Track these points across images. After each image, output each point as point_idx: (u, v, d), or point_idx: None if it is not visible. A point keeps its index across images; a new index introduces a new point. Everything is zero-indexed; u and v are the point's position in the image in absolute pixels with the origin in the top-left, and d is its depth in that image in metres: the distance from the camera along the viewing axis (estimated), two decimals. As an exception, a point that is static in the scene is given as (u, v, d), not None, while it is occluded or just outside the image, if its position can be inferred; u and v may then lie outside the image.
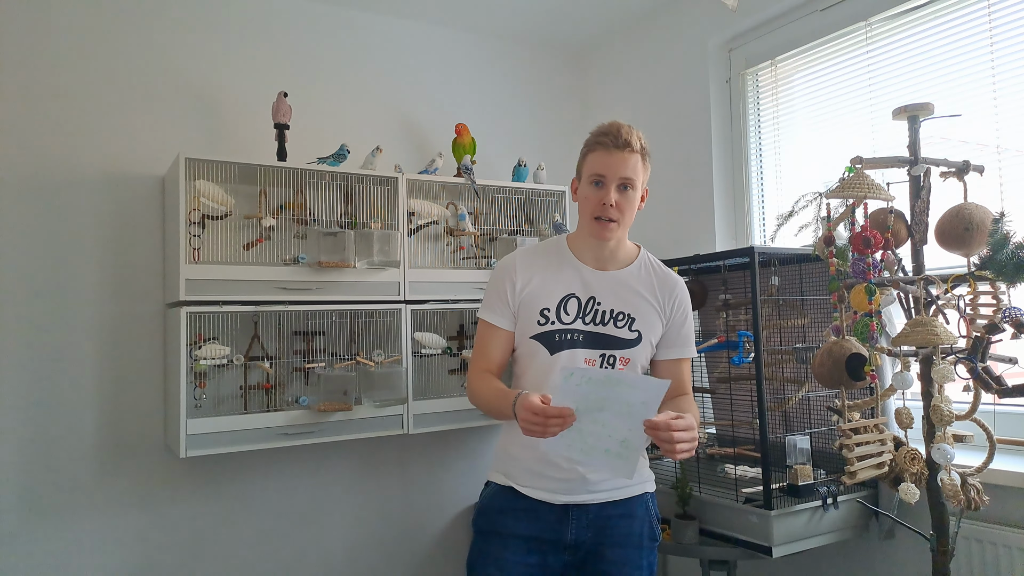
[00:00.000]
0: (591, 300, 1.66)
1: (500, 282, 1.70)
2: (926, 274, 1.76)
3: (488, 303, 1.71)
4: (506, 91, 3.50)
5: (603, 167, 1.61)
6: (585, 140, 1.70)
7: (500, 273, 1.72)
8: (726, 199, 2.99)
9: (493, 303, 1.70)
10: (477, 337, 1.74)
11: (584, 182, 1.67)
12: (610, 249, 1.68)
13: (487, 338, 1.70)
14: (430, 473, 3.16)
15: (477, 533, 1.72)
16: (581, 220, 1.70)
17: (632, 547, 1.67)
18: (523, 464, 1.66)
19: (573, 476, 1.62)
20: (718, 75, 3.01)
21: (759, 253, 2.13)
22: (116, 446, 2.62)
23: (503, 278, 1.70)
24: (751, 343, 2.16)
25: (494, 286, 1.71)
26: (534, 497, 1.64)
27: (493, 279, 1.73)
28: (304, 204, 2.74)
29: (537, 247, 1.78)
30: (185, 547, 2.71)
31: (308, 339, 2.78)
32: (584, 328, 1.64)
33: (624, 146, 1.61)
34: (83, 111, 2.64)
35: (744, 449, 2.41)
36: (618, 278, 1.69)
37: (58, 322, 2.56)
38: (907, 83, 2.35)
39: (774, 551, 2.00)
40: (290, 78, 2.98)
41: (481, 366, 1.70)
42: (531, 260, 1.72)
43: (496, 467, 1.74)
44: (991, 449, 1.72)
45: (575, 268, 1.69)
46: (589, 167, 1.66)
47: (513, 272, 1.69)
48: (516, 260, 1.72)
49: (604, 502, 1.65)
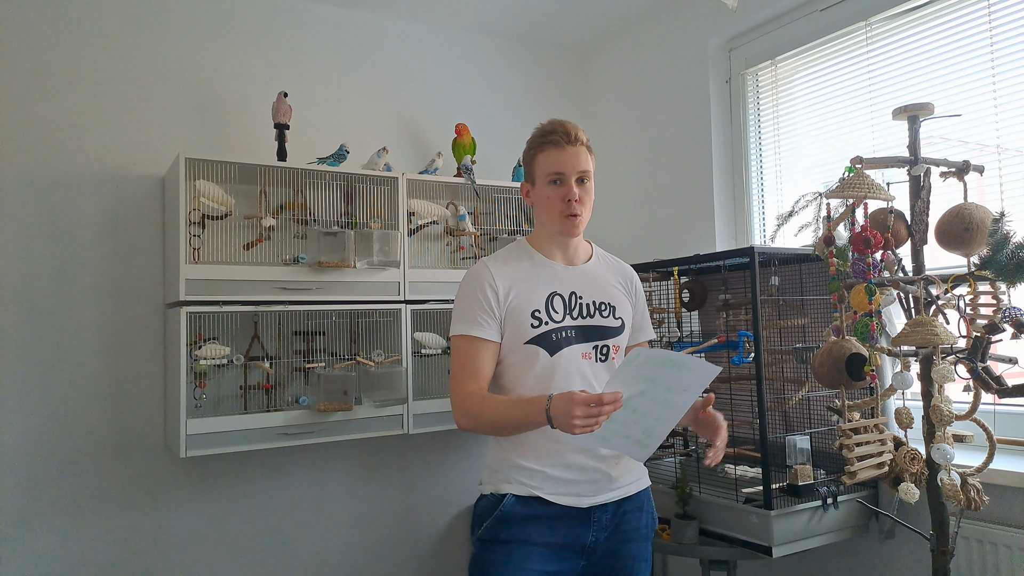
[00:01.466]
0: (572, 295, 1.68)
1: (480, 293, 1.63)
2: (926, 274, 1.76)
3: (468, 317, 1.62)
4: (506, 91, 3.50)
5: (559, 164, 1.64)
6: (528, 142, 1.70)
7: (476, 284, 1.64)
8: (726, 199, 2.99)
9: (475, 316, 1.61)
10: (459, 355, 1.62)
11: (541, 183, 1.67)
12: (574, 245, 1.73)
13: (472, 354, 1.61)
14: (430, 473, 3.16)
15: (495, 543, 1.61)
16: (544, 221, 1.71)
17: (641, 540, 1.71)
18: (544, 474, 1.61)
19: (598, 476, 1.63)
20: (718, 75, 3.01)
21: (759, 253, 2.13)
22: (116, 446, 2.62)
23: (482, 289, 1.63)
24: (751, 343, 2.16)
25: (473, 299, 1.63)
26: (563, 504, 1.61)
27: (469, 292, 1.65)
28: (304, 204, 2.74)
29: (500, 255, 1.74)
30: (185, 547, 2.71)
31: (308, 339, 2.78)
32: (574, 323, 1.66)
33: (575, 141, 1.65)
34: (83, 111, 2.64)
35: (744, 449, 2.41)
36: (588, 271, 1.73)
37: (58, 322, 2.56)
38: (907, 83, 2.35)
39: (774, 551, 2.00)
40: (290, 78, 2.98)
41: (471, 386, 1.58)
42: (503, 267, 1.68)
43: (502, 479, 1.64)
44: (991, 449, 1.72)
45: (548, 267, 1.70)
46: (544, 167, 1.66)
47: (492, 281, 1.64)
48: (490, 269, 1.66)
49: (621, 499, 1.67)
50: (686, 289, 2.69)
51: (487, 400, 1.58)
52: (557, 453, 1.60)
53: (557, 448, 1.60)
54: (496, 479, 1.66)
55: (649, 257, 2.86)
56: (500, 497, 1.62)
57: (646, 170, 3.30)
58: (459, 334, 1.63)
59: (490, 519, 1.62)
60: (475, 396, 1.57)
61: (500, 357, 1.65)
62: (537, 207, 1.71)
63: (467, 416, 1.58)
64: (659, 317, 2.56)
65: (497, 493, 1.64)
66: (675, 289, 2.49)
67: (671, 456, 2.60)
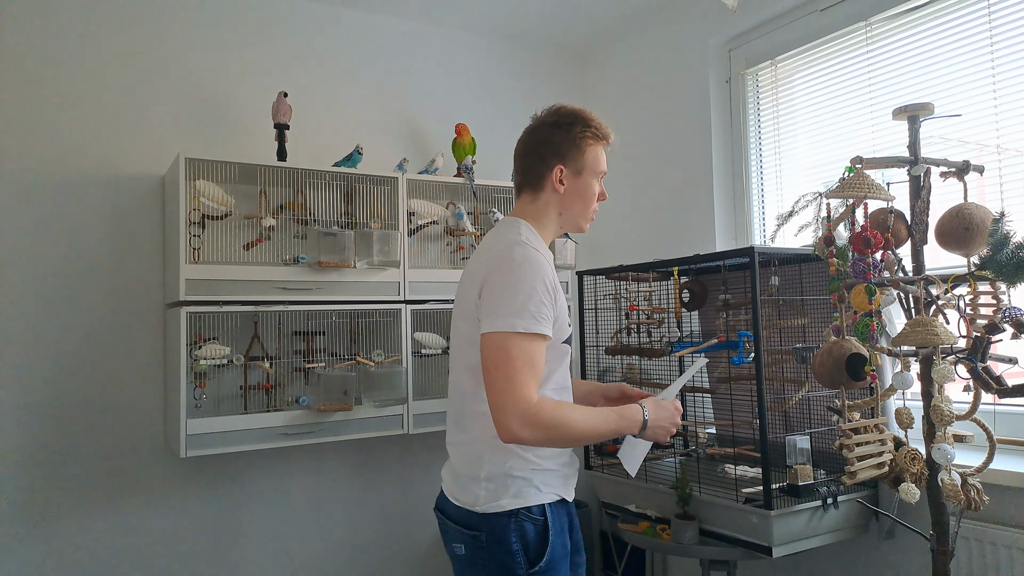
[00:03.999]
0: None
1: (545, 286, 1.45)
2: (926, 274, 1.76)
3: (535, 312, 1.41)
4: (506, 91, 3.50)
5: (605, 164, 1.67)
6: (576, 124, 1.61)
7: (541, 275, 1.45)
8: (726, 199, 2.99)
9: (542, 311, 1.42)
10: (522, 355, 1.39)
11: (588, 175, 1.64)
12: None
13: (538, 355, 1.42)
14: (430, 473, 3.16)
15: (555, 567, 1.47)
16: (571, 212, 1.63)
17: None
18: (562, 473, 1.56)
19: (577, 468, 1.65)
20: (718, 75, 3.01)
21: (759, 253, 2.13)
22: (116, 446, 2.62)
23: (546, 282, 1.46)
24: (751, 343, 2.16)
25: (542, 290, 1.44)
26: (570, 500, 1.60)
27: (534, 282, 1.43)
28: (304, 204, 2.74)
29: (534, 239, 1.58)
30: (185, 547, 2.71)
31: (308, 339, 2.78)
32: None
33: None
34: (83, 111, 2.64)
35: (744, 449, 2.41)
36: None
37: (58, 322, 2.56)
38: (907, 83, 2.35)
39: (774, 551, 2.00)
40: (290, 78, 2.98)
41: (535, 391, 1.39)
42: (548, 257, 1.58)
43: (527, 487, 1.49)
44: (991, 449, 1.72)
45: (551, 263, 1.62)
46: (598, 162, 1.65)
47: (554, 275, 1.51)
48: (546, 260, 1.53)
49: None
50: (686, 289, 2.69)
51: (566, 408, 1.42)
52: (567, 452, 1.60)
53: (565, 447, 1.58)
54: (520, 490, 1.48)
55: (649, 257, 2.87)
56: (538, 512, 1.48)
57: (646, 170, 3.30)
58: (524, 331, 1.40)
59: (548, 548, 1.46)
60: (552, 404, 1.41)
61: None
62: (569, 197, 1.62)
63: (539, 427, 1.36)
64: (659, 317, 2.55)
65: (529, 507, 1.48)
66: (675, 289, 2.49)
67: (671, 456, 2.60)
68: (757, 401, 2.10)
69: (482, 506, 1.48)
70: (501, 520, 1.46)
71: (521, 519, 1.46)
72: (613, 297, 2.67)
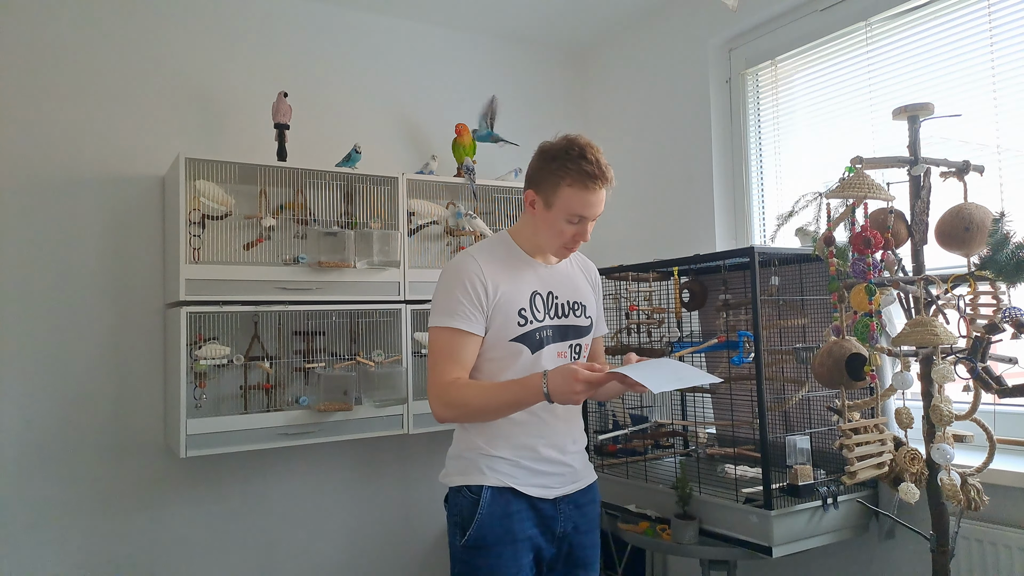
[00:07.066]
0: (550, 295, 1.70)
1: (469, 286, 1.59)
2: (926, 274, 1.76)
3: (456, 310, 1.58)
4: (506, 91, 3.49)
5: (585, 208, 1.59)
6: (554, 159, 1.59)
7: (464, 276, 1.60)
8: (726, 199, 2.99)
9: (464, 310, 1.58)
10: (442, 346, 1.58)
11: (557, 215, 1.61)
12: None
13: (458, 346, 1.58)
14: (430, 473, 3.16)
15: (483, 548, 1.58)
16: (540, 238, 1.67)
17: (595, 530, 1.76)
18: (517, 464, 1.63)
19: (565, 471, 1.68)
20: (718, 75, 3.01)
21: (759, 253, 2.13)
22: (116, 446, 2.62)
23: (471, 282, 1.59)
24: (751, 343, 2.16)
25: (461, 291, 1.58)
26: (533, 495, 1.63)
27: (455, 283, 1.60)
28: (304, 204, 2.75)
29: (484, 247, 1.70)
30: (185, 547, 2.71)
31: (308, 339, 2.78)
32: (552, 323, 1.69)
33: (606, 182, 1.60)
34: (83, 111, 2.64)
35: (744, 449, 2.41)
36: (562, 271, 1.76)
37: (58, 322, 2.56)
38: (907, 83, 2.35)
39: (774, 551, 2.00)
40: (290, 78, 2.98)
41: (452, 375, 1.56)
42: (490, 261, 1.64)
43: (474, 469, 1.62)
44: (991, 449, 1.72)
45: (530, 265, 1.71)
46: (568, 205, 1.59)
47: (482, 275, 1.60)
48: (479, 263, 1.62)
49: (579, 490, 1.72)
50: (686, 289, 2.69)
51: (471, 386, 1.57)
52: (532, 447, 1.64)
53: (532, 442, 1.64)
54: (467, 469, 1.64)
55: (649, 257, 2.86)
56: (475, 491, 1.61)
57: (646, 170, 3.30)
58: (443, 326, 1.59)
59: (473, 523, 1.59)
60: (458, 384, 1.56)
61: (480, 351, 1.63)
62: (539, 225, 1.66)
63: (449, 405, 1.56)
64: (659, 317, 2.56)
65: (470, 485, 1.62)
66: (675, 289, 2.49)
67: (671, 456, 2.61)
68: (757, 401, 2.10)
69: (445, 480, 1.69)
70: (451, 494, 1.67)
71: (462, 495, 1.63)
72: (613, 297, 2.68)
